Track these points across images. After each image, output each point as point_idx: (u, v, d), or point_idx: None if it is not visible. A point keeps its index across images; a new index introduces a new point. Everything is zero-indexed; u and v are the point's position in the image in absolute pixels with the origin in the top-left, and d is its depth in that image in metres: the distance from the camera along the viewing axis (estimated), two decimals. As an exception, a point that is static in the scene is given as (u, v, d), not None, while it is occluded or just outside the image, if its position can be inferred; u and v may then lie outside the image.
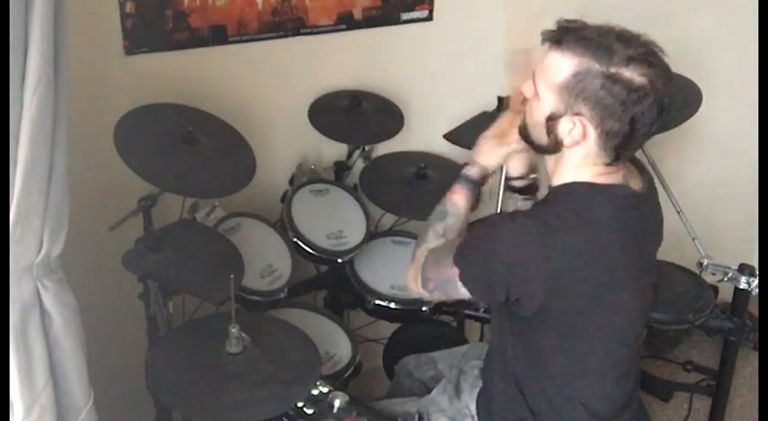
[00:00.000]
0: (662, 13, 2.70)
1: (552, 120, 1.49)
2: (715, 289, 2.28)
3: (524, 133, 1.59)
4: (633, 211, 1.53)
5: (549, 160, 1.58)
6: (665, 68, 1.45)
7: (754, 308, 2.30)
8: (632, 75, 1.41)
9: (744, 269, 2.12)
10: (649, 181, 1.62)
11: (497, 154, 1.68)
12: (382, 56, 2.44)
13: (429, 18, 2.44)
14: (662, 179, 2.28)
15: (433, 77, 2.52)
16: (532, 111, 1.54)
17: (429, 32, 2.46)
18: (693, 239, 2.24)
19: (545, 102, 1.49)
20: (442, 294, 1.63)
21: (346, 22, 2.33)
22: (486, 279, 1.54)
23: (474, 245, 1.58)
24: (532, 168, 1.76)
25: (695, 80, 2.32)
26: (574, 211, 1.50)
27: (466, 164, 1.73)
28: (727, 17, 2.78)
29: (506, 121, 1.69)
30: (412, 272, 1.68)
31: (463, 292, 1.57)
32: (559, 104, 1.47)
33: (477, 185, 1.70)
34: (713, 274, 2.17)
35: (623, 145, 1.46)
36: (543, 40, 1.49)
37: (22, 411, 1.52)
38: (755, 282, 2.11)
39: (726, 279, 2.14)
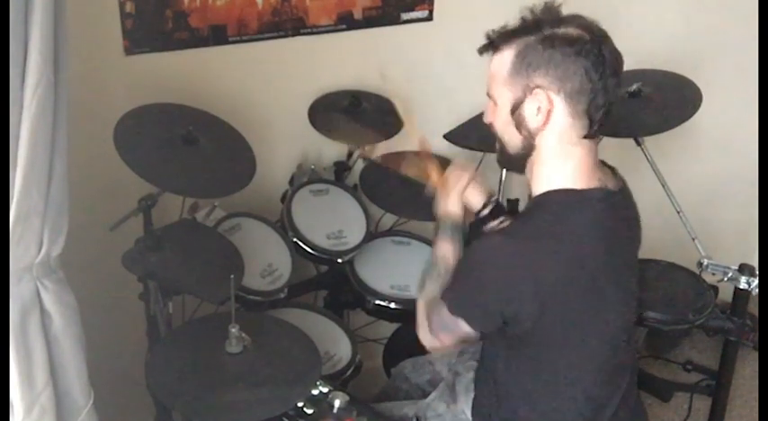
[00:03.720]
0: (662, 13, 2.71)
1: (516, 109, 1.50)
2: (715, 289, 2.28)
3: (503, 154, 1.60)
4: (611, 212, 1.53)
5: (527, 168, 1.57)
6: (596, 26, 1.48)
7: (754, 308, 2.30)
8: (566, 30, 1.45)
9: (744, 269, 2.12)
10: (622, 180, 1.62)
11: (453, 199, 1.73)
12: (382, 56, 2.44)
13: (429, 18, 2.44)
14: (662, 179, 2.29)
15: (432, 77, 2.52)
16: (498, 121, 1.56)
17: (429, 32, 2.46)
18: (693, 239, 2.24)
19: (503, 100, 1.52)
20: (450, 335, 1.60)
21: (346, 22, 2.33)
22: (478, 306, 1.54)
23: (458, 275, 1.60)
24: (489, 192, 1.78)
25: (695, 80, 2.32)
26: (552, 222, 1.49)
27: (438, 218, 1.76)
28: (727, 17, 2.78)
29: (433, 175, 1.78)
30: (420, 323, 1.67)
31: (465, 327, 1.55)
32: (516, 91, 1.49)
33: (458, 232, 1.72)
34: (713, 274, 2.17)
35: (591, 105, 1.46)
36: (481, 54, 1.55)
37: (22, 411, 1.53)
38: (755, 282, 2.11)
39: (726, 279, 2.14)
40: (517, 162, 1.58)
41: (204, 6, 2.12)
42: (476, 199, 1.77)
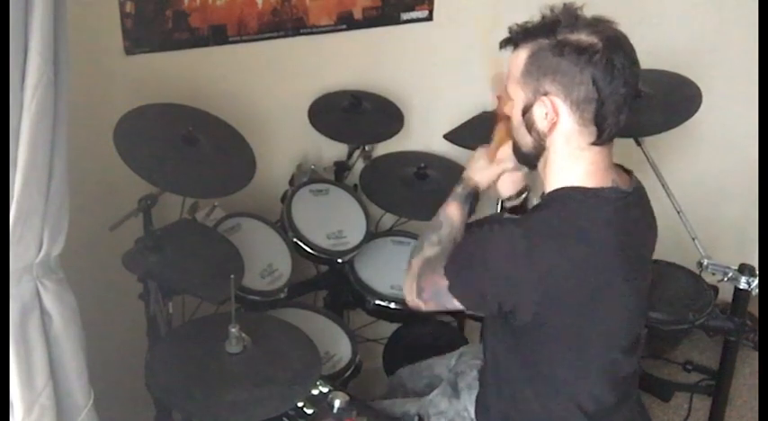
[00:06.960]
0: (662, 13, 2.71)
1: (527, 111, 1.51)
2: (715, 289, 2.28)
3: (517, 151, 1.61)
4: (625, 213, 1.52)
5: (540, 165, 1.57)
6: (613, 31, 1.47)
7: (754, 308, 2.30)
8: (578, 37, 1.44)
9: (744, 269, 2.12)
10: (637, 182, 1.61)
11: (489, 173, 1.72)
12: (382, 56, 2.44)
13: (429, 18, 2.44)
14: (662, 179, 2.29)
15: (432, 77, 2.52)
16: (513, 119, 1.56)
17: (429, 32, 2.46)
18: (693, 239, 2.24)
19: (517, 99, 1.52)
20: (437, 304, 1.61)
21: (346, 22, 2.33)
22: (477, 291, 1.54)
23: (463, 256, 1.59)
24: (523, 188, 1.76)
25: (695, 80, 2.32)
26: (563, 217, 1.49)
27: (462, 178, 1.74)
28: (727, 17, 2.78)
29: (497, 139, 1.71)
30: (408, 281, 1.68)
31: (457, 304, 1.56)
32: (528, 93, 1.49)
33: (469, 200, 1.71)
34: (713, 274, 2.17)
35: (598, 114, 1.46)
36: (502, 47, 1.53)
37: (22, 411, 1.52)
38: (755, 282, 2.11)
39: (726, 279, 2.15)
40: (530, 159, 1.58)
41: (204, 6, 2.12)
42: (507, 186, 1.76)
